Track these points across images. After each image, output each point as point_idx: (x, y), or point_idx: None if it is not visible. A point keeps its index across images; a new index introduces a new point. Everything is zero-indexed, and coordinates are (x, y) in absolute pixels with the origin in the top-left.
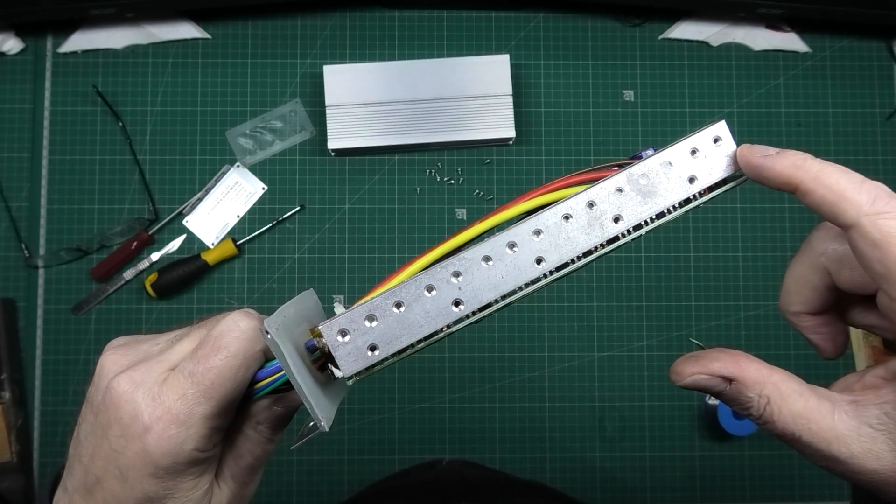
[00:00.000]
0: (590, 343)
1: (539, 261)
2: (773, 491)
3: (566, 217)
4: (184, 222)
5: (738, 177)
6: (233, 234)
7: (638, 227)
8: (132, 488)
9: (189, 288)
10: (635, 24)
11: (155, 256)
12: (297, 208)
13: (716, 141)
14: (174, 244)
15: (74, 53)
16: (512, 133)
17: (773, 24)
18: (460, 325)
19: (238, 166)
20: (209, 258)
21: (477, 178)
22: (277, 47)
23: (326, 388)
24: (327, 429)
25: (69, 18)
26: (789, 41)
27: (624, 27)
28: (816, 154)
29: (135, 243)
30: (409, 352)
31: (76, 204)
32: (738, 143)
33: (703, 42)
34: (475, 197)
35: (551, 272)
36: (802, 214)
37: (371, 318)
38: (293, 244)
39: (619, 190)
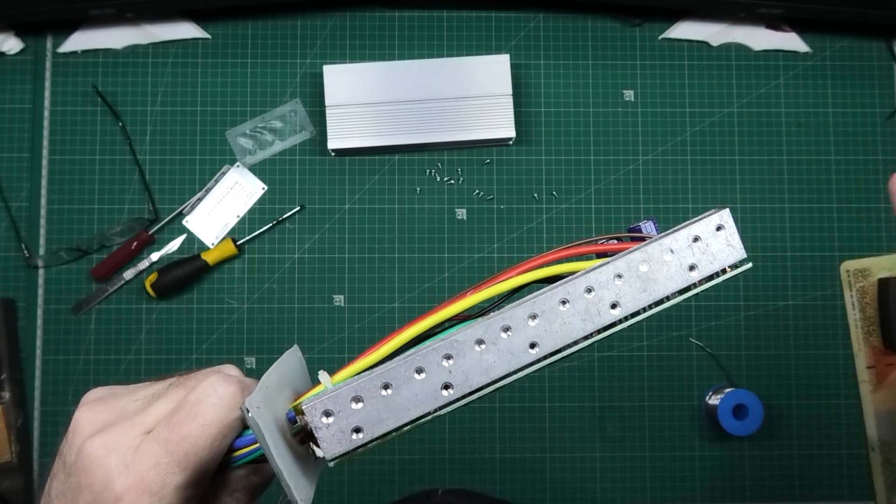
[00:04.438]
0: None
1: (533, 346)
2: (773, 491)
3: (563, 302)
4: (184, 222)
5: (739, 265)
6: (233, 234)
7: (636, 314)
8: None
9: (189, 288)
10: (635, 24)
11: (155, 256)
12: (297, 208)
13: (718, 229)
14: (174, 244)
15: (74, 53)
16: (512, 133)
17: (773, 24)
18: (448, 409)
19: (238, 166)
20: (209, 258)
21: (477, 178)
22: (277, 47)
23: (306, 461)
24: None
25: (69, 18)
26: (789, 41)
27: (624, 27)
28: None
29: (135, 243)
30: (393, 434)
31: (76, 204)
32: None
33: (703, 42)
34: (475, 197)
35: (545, 357)
36: (802, 215)
37: (357, 399)
38: (293, 244)
39: (619, 276)
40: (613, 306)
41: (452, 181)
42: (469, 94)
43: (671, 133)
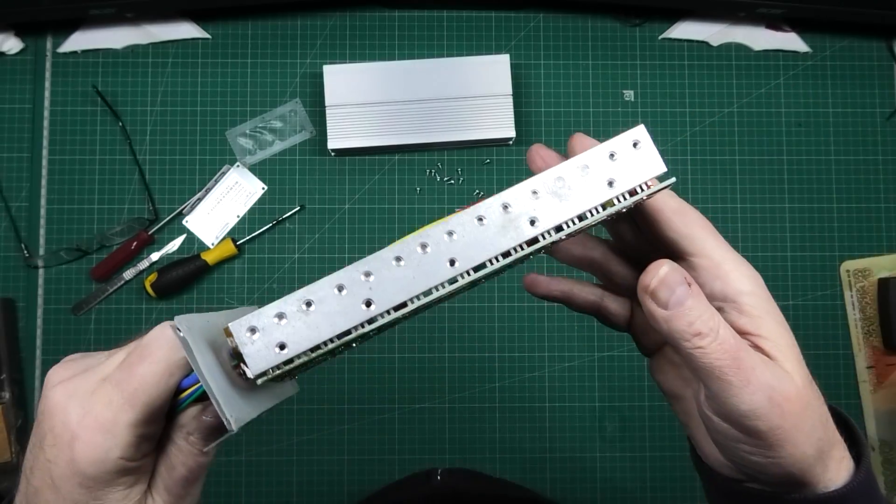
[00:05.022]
0: (590, 343)
1: (452, 262)
2: None
3: (480, 219)
4: (184, 222)
5: (662, 179)
6: (233, 234)
7: (559, 228)
8: (63, 499)
9: (189, 288)
10: (635, 24)
11: (155, 256)
12: (297, 208)
13: (635, 145)
14: (174, 244)
15: (74, 53)
16: (512, 133)
17: (774, 24)
18: (374, 326)
19: (238, 166)
20: (209, 258)
21: (477, 178)
22: (277, 47)
23: (252, 393)
24: (234, 429)
25: (69, 18)
26: (789, 41)
27: (624, 27)
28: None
29: (135, 243)
30: (321, 350)
31: (76, 204)
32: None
33: (703, 42)
34: (475, 197)
35: (467, 273)
36: (802, 215)
37: (280, 315)
38: (293, 244)
39: (534, 192)
40: (532, 222)
41: (452, 181)
42: (469, 94)
43: (671, 133)
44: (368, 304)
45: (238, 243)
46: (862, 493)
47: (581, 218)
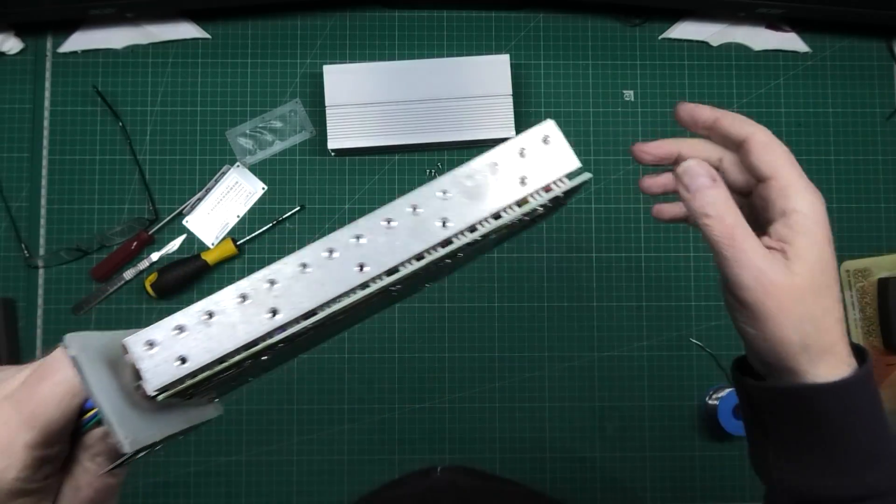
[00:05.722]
0: (590, 343)
1: (362, 266)
2: None
3: (388, 221)
4: (184, 222)
5: (577, 175)
6: (233, 234)
7: (473, 228)
8: None
9: (189, 288)
10: (635, 24)
11: (155, 256)
12: (297, 208)
13: (545, 141)
14: (174, 244)
15: (74, 53)
16: (512, 133)
17: (773, 24)
18: (281, 336)
19: (238, 166)
20: (209, 258)
21: None
22: (277, 47)
23: (159, 414)
24: (129, 450)
25: (69, 18)
26: (789, 41)
27: (624, 27)
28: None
29: (135, 243)
30: (226, 363)
31: (76, 204)
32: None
33: (703, 42)
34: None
35: (380, 277)
36: None
37: (181, 328)
38: (293, 244)
39: (444, 192)
40: (443, 223)
41: None
42: (469, 94)
43: (671, 133)
44: (274, 312)
45: (238, 243)
46: (840, 399)
47: (496, 217)
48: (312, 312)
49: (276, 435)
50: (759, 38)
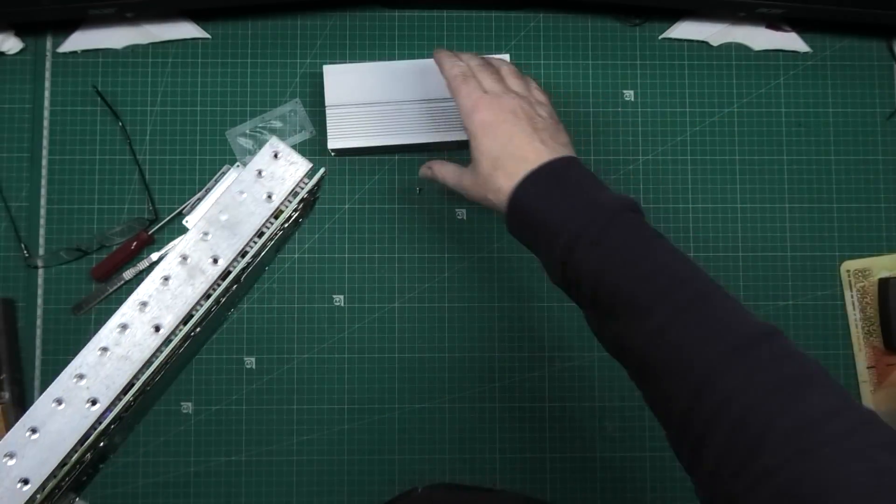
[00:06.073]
0: (590, 343)
1: (157, 328)
2: None
3: (165, 279)
4: (184, 222)
5: (314, 174)
6: None
7: (244, 253)
8: None
9: None
10: (635, 24)
11: (155, 256)
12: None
13: (275, 156)
14: (174, 244)
15: (74, 53)
16: None
17: (774, 23)
18: (109, 418)
19: (238, 166)
20: None
21: None
22: (277, 47)
23: None
24: None
25: (69, 18)
26: (789, 41)
27: (624, 27)
28: (817, 154)
29: (135, 243)
30: (71, 465)
31: (76, 204)
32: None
33: (703, 42)
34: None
35: (178, 329)
36: (803, 214)
37: (10, 455)
38: (293, 244)
39: (205, 234)
40: (215, 260)
41: None
42: None
43: (671, 133)
44: (93, 402)
45: None
46: (528, 187)
47: (260, 235)
48: (130, 385)
49: (276, 435)
50: (760, 38)
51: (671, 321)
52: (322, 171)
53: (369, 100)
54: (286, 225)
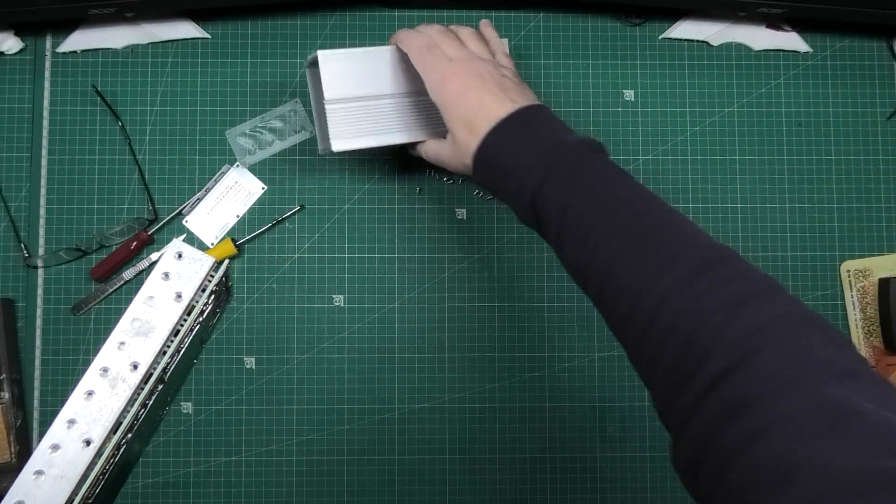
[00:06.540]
0: (590, 343)
1: (88, 442)
2: None
3: (89, 393)
4: (183, 222)
5: (219, 267)
6: (232, 234)
7: (163, 353)
8: None
9: None
10: (635, 24)
11: (155, 256)
12: (297, 208)
13: (179, 256)
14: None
15: (74, 53)
16: None
17: (774, 23)
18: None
19: (238, 166)
20: None
21: None
22: (277, 47)
23: None
24: None
25: (68, 18)
26: (790, 41)
27: (624, 27)
28: (817, 154)
29: (134, 243)
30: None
31: (76, 204)
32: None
33: (703, 42)
34: (475, 197)
35: (109, 438)
36: (803, 215)
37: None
38: (293, 244)
39: (121, 343)
40: (135, 367)
41: (452, 181)
42: None
43: (671, 133)
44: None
45: (238, 243)
46: (495, 136)
47: (176, 333)
48: (70, 501)
49: (276, 435)
50: (760, 38)
51: (627, 250)
52: (226, 262)
53: (369, 94)
54: (201, 318)
